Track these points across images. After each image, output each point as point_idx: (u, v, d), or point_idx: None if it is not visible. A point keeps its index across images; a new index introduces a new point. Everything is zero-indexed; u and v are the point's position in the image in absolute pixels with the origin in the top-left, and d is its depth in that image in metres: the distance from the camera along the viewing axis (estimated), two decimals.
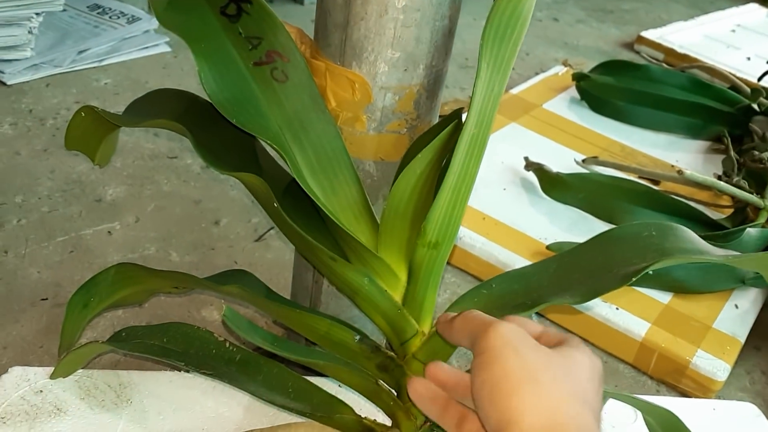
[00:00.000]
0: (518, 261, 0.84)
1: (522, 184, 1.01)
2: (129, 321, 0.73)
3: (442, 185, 0.45)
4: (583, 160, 1.07)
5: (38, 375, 0.59)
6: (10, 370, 0.59)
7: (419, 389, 0.40)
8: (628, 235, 0.50)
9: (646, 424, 0.54)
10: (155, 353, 0.52)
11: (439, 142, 0.46)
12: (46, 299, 0.74)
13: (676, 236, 0.49)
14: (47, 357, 0.68)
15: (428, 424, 0.50)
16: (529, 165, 1.00)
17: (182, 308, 0.76)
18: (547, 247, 0.84)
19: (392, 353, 0.51)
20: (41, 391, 0.58)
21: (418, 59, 0.48)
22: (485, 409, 0.34)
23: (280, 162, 0.53)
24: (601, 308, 0.80)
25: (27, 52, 1.13)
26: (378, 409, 0.53)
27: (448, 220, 0.46)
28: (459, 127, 0.47)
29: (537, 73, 1.44)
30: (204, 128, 0.53)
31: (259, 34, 0.50)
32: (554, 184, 0.97)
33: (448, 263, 0.89)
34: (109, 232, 0.85)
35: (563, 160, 1.06)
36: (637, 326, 0.79)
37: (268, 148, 0.52)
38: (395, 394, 0.51)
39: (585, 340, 0.81)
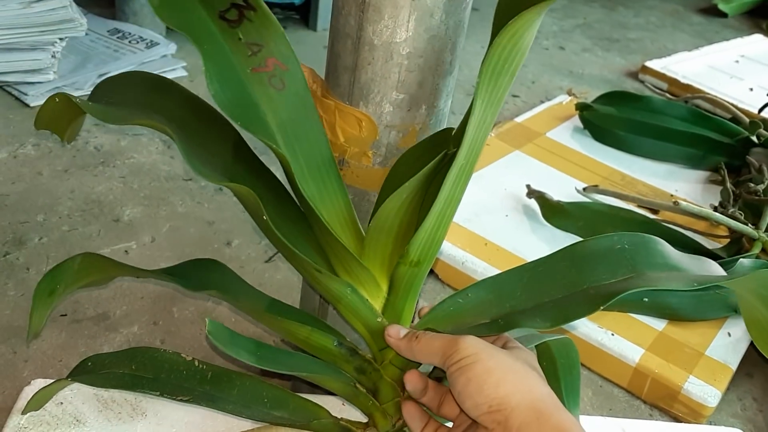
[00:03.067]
0: None
1: (524, 211, 1.04)
2: (144, 338, 0.77)
3: (430, 211, 0.47)
4: (584, 189, 1.10)
5: None
6: (32, 382, 0.63)
7: (410, 409, 0.50)
8: (601, 247, 0.51)
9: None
10: (126, 384, 0.53)
11: (426, 171, 0.48)
12: (66, 315, 0.77)
13: (648, 250, 0.51)
14: (66, 371, 0.71)
15: (401, 421, 0.54)
16: (531, 193, 1.04)
17: (194, 326, 0.79)
18: None
19: (370, 357, 0.54)
20: (62, 403, 0.61)
21: (421, 100, 0.52)
22: (474, 400, 0.43)
23: (268, 170, 0.56)
24: (597, 334, 0.83)
25: (50, 75, 1.18)
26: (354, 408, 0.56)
27: (431, 241, 0.49)
28: (446, 155, 0.50)
29: (542, 101, 1.48)
30: (188, 127, 0.54)
31: (260, 41, 0.50)
32: (555, 212, 1.01)
33: (450, 286, 0.92)
34: (125, 251, 0.88)
35: (565, 188, 1.10)
36: (631, 352, 0.81)
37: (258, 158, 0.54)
38: (372, 395, 0.54)
39: (581, 364, 0.84)
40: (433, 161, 0.48)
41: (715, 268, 0.53)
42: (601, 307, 0.47)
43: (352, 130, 0.53)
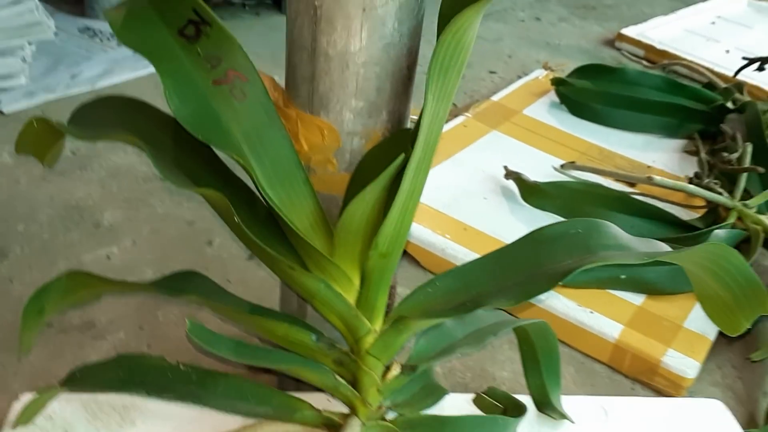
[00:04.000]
0: None
1: (502, 193, 1.05)
2: (130, 343, 0.78)
3: (393, 204, 0.49)
4: (562, 166, 1.11)
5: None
6: (20, 396, 0.64)
7: None
8: (557, 233, 0.55)
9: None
10: (114, 387, 0.55)
11: (387, 174, 0.49)
12: (52, 326, 0.78)
13: (600, 233, 0.54)
14: (55, 381, 0.72)
15: (383, 409, 0.56)
16: (509, 174, 1.04)
17: (180, 329, 0.80)
18: None
19: (347, 349, 0.56)
20: (51, 416, 0.62)
21: (381, 106, 0.52)
22: None
23: (238, 177, 0.57)
24: (575, 312, 0.85)
25: (22, 79, 1.18)
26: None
27: (398, 233, 0.52)
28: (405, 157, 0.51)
29: (519, 76, 1.48)
30: (160, 142, 0.56)
31: (219, 54, 0.52)
32: (532, 193, 1.02)
33: (433, 273, 0.93)
34: (107, 256, 0.89)
35: (543, 166, 1.10)
36: (610, 328, 0.83)
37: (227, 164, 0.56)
38: (351, 386, 0.56)
39: (563, 342, 0.85)
40: (392, 164, 0.49)
41: (663, 247, 0.56)
42: (560, 282, 0.50)
43: (315, 138, 0.54)
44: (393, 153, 0.51)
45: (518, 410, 0.64)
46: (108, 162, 1.06)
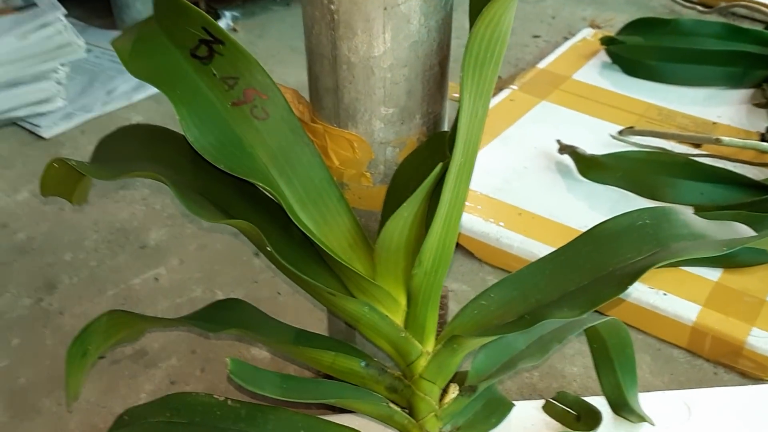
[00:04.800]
0: None
1: (558, 169, 0.99)
2: (184, 369, 0.76)
3: (434, 217, 0.45)
4: (619, 132, 1.04)
5: None
6: None
7: None
8: (621, 226, 0.50)
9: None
10: (162, 428, 0.53)
11: (425, 186, 0.45)
12: (104, 357, 0.77)
13: (670, 222, 0.49)
14: (110, 417, 0.71)
15: None
16: (563, 148, 0.98)
17: (233, 349, 0.78)
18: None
19: (399, 374, 0.52)
20: None
21: (413, 110, 0.48)
22: None
23: (270, 198, 0.53)
24: (648, 296, 0.79)
25: (59, 102, 1.17)
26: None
27: (442, 247, 0.48)
28: (443, 165, 0.46)
29: (566, 38, 1.40)
30: (185, 170, 0.53)
31: (235, 73, 0.49)
32: (590, 166, 0.95)
33: (489, 264, 0.89)
34: (155, 278, 0.87)
35: (600, 135, 1.04)
36: (686, 310, 0.77)
37: None
38: (407, 413, 0.52)
39: (635, 328, 0.80)
40: (430, 175, 0.45)
41: (743, 230, 0.51)
42: (628, 288, 0.45)
43: (346, 152, 0.50)
44: (430, 159, 0.47)
45: (592, 417, 0.59)
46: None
